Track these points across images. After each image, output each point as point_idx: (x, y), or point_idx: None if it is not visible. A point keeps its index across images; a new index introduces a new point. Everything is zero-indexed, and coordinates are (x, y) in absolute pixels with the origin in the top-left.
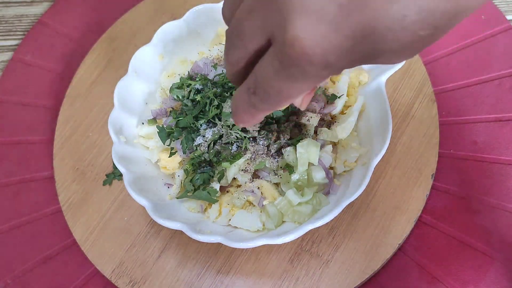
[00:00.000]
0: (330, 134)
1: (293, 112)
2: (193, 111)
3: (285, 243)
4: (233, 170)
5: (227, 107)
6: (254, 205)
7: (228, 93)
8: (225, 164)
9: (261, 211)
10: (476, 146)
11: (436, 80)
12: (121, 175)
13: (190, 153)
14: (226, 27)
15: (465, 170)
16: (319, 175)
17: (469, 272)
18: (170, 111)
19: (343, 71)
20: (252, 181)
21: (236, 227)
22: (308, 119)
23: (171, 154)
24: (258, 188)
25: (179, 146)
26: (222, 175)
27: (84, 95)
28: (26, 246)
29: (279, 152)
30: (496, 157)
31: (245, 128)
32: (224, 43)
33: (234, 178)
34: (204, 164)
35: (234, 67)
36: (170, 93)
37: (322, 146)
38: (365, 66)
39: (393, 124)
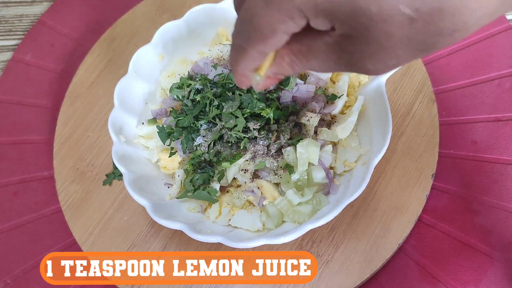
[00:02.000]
0: (330, 134)
1: (293, 112)
2: (193, 111)
3: (285, 243)
4: (233, 170)
5: (227, 108)
6: (254, 205)
7: (230, 92)
8: (225, 164)
9: (261, 211)
10: (476, 146)
11: (436, 80)
12: (121, 175)
13: (190, 153)
14: (226, 27)
15: (465, 170)
16: (319, 175)
17: (469, 272)
18: (170, 111)
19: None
20: (252, 181)
21: (236, 227)
22: (308, 119)
23: (171, 154)
24: (258, 188)
25: (179, 146)
26: (222, 175)
27: (84, 95)
28: (26, 246)
29: (279, 152)
30: (496, 157)
31: (245, 128)
32: (224, 43)
33: (234, 178)
34: (204, 164)
35: None
36: (170, 93)
37: (322, 146)
38: None
39: (393, 124)
